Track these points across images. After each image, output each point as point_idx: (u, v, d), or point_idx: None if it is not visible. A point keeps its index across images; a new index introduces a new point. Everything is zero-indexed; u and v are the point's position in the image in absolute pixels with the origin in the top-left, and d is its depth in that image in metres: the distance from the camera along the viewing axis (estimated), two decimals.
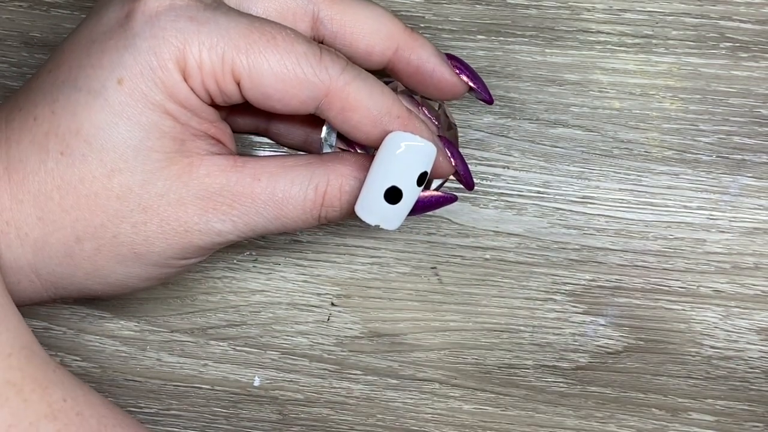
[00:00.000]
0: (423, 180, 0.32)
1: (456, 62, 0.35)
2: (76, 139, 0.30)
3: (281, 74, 0.30)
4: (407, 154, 0.32)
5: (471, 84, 0.35)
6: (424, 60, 0.34)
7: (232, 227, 0.32)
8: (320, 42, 0.34)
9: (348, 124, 0.32)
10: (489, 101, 0.36)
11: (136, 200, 0.31)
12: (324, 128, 0.35)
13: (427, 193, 0.34)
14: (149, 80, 0.30)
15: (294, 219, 0.33)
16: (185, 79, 0.30)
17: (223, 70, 0.30)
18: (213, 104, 0.32)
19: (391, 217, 0.32)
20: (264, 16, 0.32)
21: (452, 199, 0.35)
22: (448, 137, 0.35)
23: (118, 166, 0.30)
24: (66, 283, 0.32)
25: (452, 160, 0.34)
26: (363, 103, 0.31)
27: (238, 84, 0.31)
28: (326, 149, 0.35)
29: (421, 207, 0.34)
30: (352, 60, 0.33)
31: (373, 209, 0.32)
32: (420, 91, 0.35)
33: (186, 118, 0.31)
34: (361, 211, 0.32)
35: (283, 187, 0.32)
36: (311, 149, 0.36)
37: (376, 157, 0.32)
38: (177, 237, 0.32)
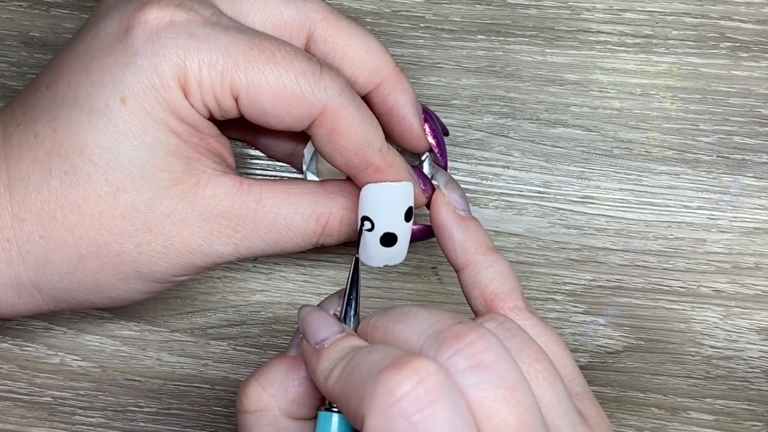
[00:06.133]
0: (410, 214, 0.33)
1: (429, 119, 0.35)
2: (81, 158, 0.30)
3: (279, 91, 0.30)
4: (389, 200, 0.32)
5: (432, 143, 0.35)
6: (400, 104, 0.34)
7: (234, 250, 0.32)
8: None
9: (332, 145, 0.32)
10: (443, 168, 0.36)
11: (141, 219, 0.31)
12: (306, 151, 0.35)
13: (420, 225, 0.35)
14: (152, 99, 0.30)
15: (292, 244, 0.33)
16: (186, 96, 0.30)
17: (222, 87, 0.30)
18: (211, 119, 0.32)
19: (394, 254, 0.33)
20: (260, 29, 0.32)
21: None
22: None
23: (124, 185, 0.30)
24: (68, 298, 0.32)
25: (424, 186, 0.35)
26: (352, 129, 0.31)
27: (236, 100, 0.30)
28: (310, 176, 0.36)
29: (417, 237, 0.35)
30: None
31: (375, 256, 0.33)
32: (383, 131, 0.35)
33: (189, 134, 0.31)
34: (365, 259, 0.33)
35: (285, 214, 0.32)
36: (297, 162, 0.36)
37: (360, 211, 0.32)
38: (180, 258, 0.32)
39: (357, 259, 0.32)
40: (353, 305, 0.31)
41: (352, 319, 0.31)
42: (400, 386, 0.24)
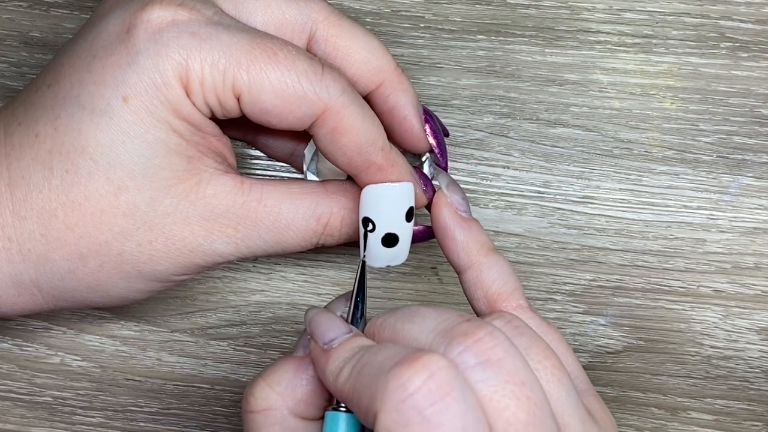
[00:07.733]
0: (411, 214, 0.33)
1: (429, 120, 0.35)
2: (82, 157, 0.30)
3: (281, 91, 0.30)
4: (390, 200, 0.32)
5: (433, 144, 0.35)
6: (401, 105, 0.34)
7: (234, 249, 0.32)
8: None
9: (334, 145, 0.32)
10: (443, 168, 0.36)
11: (143, 218, 0.31)
12: (306, 151, 0.36)
13: (421, 226, 0.35)
14: (154, 98, 0.30)
15: (293, 244, 0.33)
16: (188, 95, 0.30)
17: (224, 86, 0.30)
18: (212, 118, 0.32)
19: (396, 254, 0.33)
20: (262, 29, 0.32)
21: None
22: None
23: (125, 183, 0.30)
24: (68, 296, 0.32)
25: (425, 186, 0.35)
26: (354, 129, 0.31)
27: (238, 99, 0.31)
28: (310, 176, 0.36)
29: (418, 238, 0.35)
30: None
31: (377, 256, 0.33)
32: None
33: (190, 133, 0.31)
34: (368, 260, 0.33)
35: (286, 214, 0.32)
36: (297, 162, 0.36)
37: (360, 212, 0.32)
38: (181, 257, 0.32)
39: (363, 263, 0.32)
40: (360, 307, 0.31)
41: (359, 321, 0.31)
42: (411, 381, 0.24)
